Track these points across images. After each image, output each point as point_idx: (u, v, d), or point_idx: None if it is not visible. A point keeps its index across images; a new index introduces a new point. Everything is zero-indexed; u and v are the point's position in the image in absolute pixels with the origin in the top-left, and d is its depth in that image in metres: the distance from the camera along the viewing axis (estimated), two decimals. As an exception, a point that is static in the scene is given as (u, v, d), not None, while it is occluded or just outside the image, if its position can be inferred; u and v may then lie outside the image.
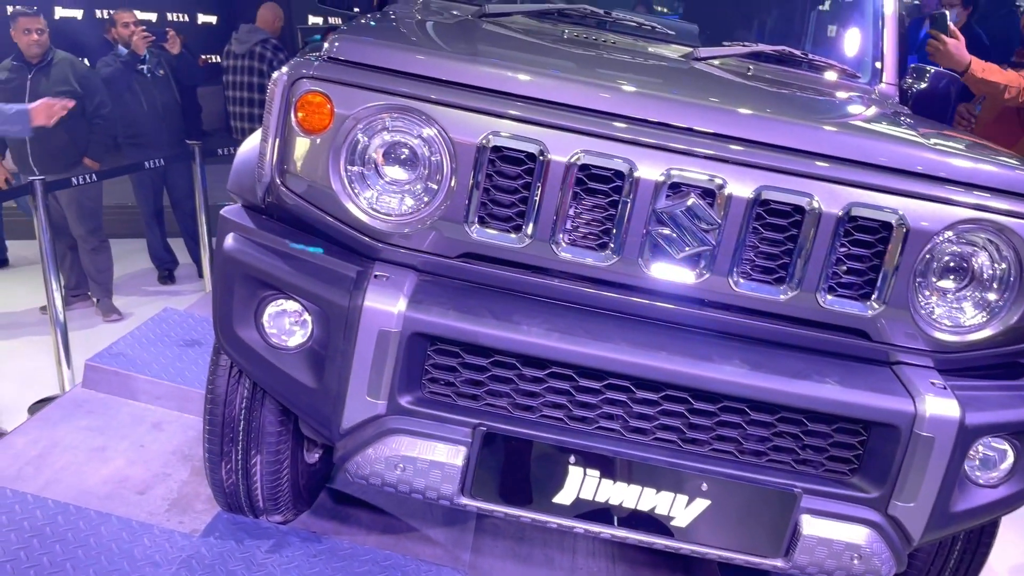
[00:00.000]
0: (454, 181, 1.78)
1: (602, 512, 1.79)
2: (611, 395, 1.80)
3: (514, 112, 1.74)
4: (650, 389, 1.79)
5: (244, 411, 2.14)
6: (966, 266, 1.85)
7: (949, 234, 1.80)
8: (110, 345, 3.36)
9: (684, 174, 1.74)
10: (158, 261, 6.48)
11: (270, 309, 1.88)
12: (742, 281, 1.80)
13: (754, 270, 1.82)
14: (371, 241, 1.83)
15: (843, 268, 1.81)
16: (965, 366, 1.92)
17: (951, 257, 1.83)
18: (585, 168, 1.76)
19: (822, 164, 1.75)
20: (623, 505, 1.78)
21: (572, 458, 1.77)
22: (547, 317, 1.80)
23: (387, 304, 1.74)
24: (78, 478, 2.65)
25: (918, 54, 4.61)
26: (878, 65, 2.94)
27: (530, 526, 2.57)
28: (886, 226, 1.77)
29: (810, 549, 1.78)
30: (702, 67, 2.40)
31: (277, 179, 1.86)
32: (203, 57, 8.00)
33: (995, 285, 1.84)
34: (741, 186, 1.74)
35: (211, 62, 8.17)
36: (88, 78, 5.47)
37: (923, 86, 2.96)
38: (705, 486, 1.77)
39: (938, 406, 1.75)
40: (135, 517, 2.42)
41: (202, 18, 11.92)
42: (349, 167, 1.80)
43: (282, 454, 2.23)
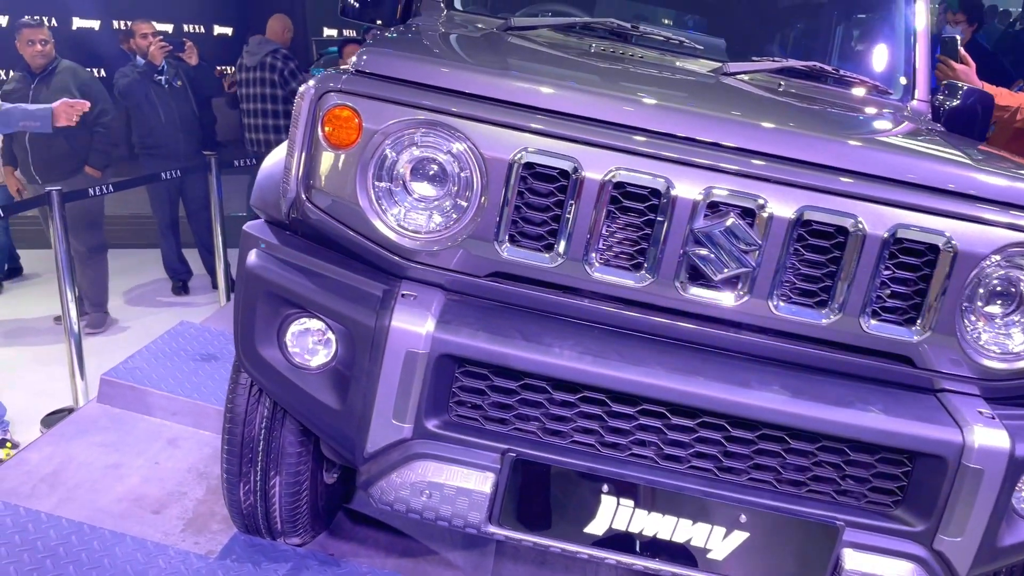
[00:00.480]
0: (484, 198, 1.73)
1: (635, 543, 1.72)
2: (645, 421, 1.74)
3: (548, 128, 1.70)
4: (686, 415, 1.72)
5: (264, 431, 2.09)
6: (1014, 290, 1.78)
7: (997, 257, 1.73)
8: (126, 359, 3.32)
9: (724, 193, 1.68)
10: (172, 272, 6.45)
11: (293, 327, 1.83)
12: (782, 304, 1.74)
13: (795, 293, 1.75)
14: (398, 259, 1.78)
15: (887, 292, 1.75)
16: (1012, 394, 1.85)
17: (999, 281, 1.77)
18: (620, 186, 1.70)
19: (867, 184, 1.69)
20: (657, 536, 1.71)
21: (605, 487, 1.70)
22: (579, 339, 1.74)
23: (415, 324, 1.68)
24: (92, 496, 2.61)
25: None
26: (903, 81, 2.88)
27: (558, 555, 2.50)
28: (932, 249, 1.71)
29: None
30: (732, 82, 2.35)
31: (303, 194, 1.81)
32: (219, 68, 8.02)
33: None
34: (783, 206, 1.69)
35: (227, 73, 8.19)
36: (89, 85, 5.35)
37: (955, 103, 2.90)
38: (743, 517, 1.70)
39: (987, 437, 1.67)
40: (150, 537, 2.37)
41: (218, 29, 11.97)
42: (377, 183, 1.76)
43: (302, 475, 2.17)
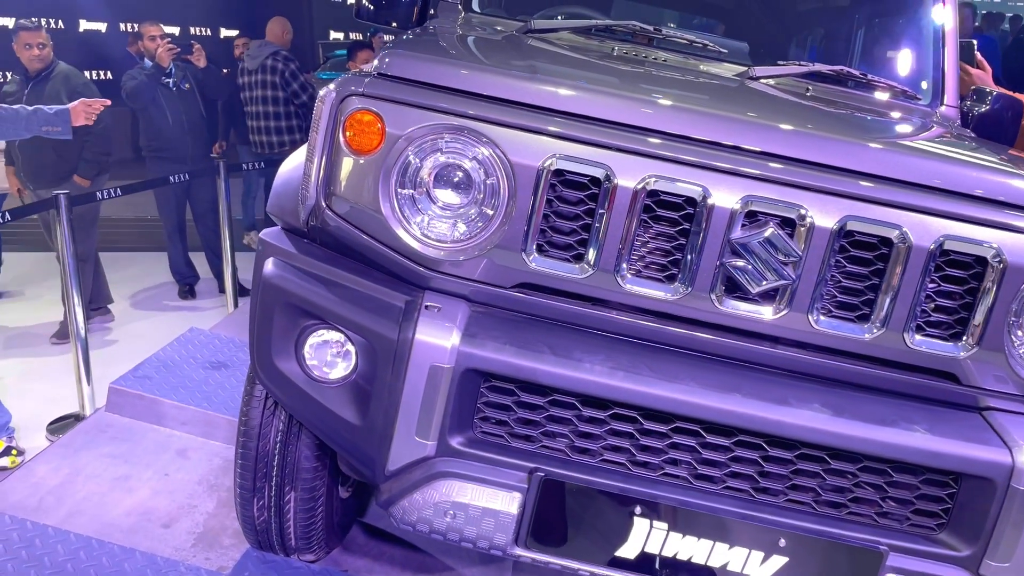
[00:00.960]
0: (511, 206, 1.66)
1: (669, 567, 1.65)
2: (678, 439, 1.67)
3: (580, 134, 1.63)
4: (721, 434, 1.65)
5: (279, 445, 2.02)
6: None
7: None
8: (135, 368, 3.26)
9: (763, 202, 1.61)
10: (179, 276, 6.38)
11: (312, 339, 1.77)
12: (823, 318, 1.67)
13: (835, 307, 1.68)
14: (421, 269, 1.72)
15: (932, 306, 1.68)
16: None
17: None
18: (654, 194, 1.64)
19: (914, 193, 1.62)
20: (692, 560, 1.64)
21: (637, 508, 1.63)
22: (609, 353, 1.67)
23: (439, 338, 1.62)
24: (101, 509, 2.55)
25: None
26: (924, 85, 2.81)
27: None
28: (980, 261, 1.63)
29: None
30: (759, 87, 2.28)
31: (323, 201, 1.75)
32: (225, 71, 7.99)
33: None
34: (824, 216, 1.62)
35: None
36: (80, 93, 5.06)
37: (983, 108, 2.83)
38: (783, 542, 1.63)
39: (1038, 458, 1.60)
40: (160, 552, 2.31)
41: (224, 32, 11.95)
42: (400, 190, 1.69)
43: (317, 491, 2.10)
